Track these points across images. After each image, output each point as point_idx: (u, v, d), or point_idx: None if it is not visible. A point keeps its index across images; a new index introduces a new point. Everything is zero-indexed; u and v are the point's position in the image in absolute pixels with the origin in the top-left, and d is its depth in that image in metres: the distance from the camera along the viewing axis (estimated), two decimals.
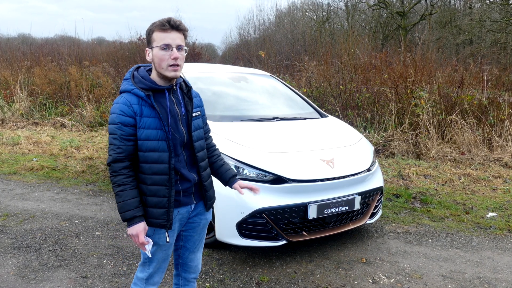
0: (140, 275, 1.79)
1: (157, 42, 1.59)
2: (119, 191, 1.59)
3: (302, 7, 23.93)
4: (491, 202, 4.33)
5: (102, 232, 3.42)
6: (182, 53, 1.63)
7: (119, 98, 1.63)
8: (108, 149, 1.60)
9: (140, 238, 1.60)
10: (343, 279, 2.72)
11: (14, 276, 2.67)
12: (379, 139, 6.55)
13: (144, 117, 1.60)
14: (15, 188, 4.62)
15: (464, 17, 18.24)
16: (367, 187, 3.14)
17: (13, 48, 12.72)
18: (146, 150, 1.61)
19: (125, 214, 1.59)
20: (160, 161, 1.62)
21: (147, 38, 1.65)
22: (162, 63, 1.59)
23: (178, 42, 1.60)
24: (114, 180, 1.60)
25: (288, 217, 2.80)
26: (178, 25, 1.60)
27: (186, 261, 1.93)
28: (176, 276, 1.99)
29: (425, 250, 3.19)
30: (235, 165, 2.83)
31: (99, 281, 2.62)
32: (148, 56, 1.65)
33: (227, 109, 3.73)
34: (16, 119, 8.74)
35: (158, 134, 1.61)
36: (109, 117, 1.63)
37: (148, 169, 1.62)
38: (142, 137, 1.60)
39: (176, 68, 1.61)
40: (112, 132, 1.59)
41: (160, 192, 1.64)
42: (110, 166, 1.60)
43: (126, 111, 1.58)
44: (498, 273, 2.87)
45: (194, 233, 1.87)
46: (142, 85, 1.63)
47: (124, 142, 1.58)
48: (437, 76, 7.37)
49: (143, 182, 1.64)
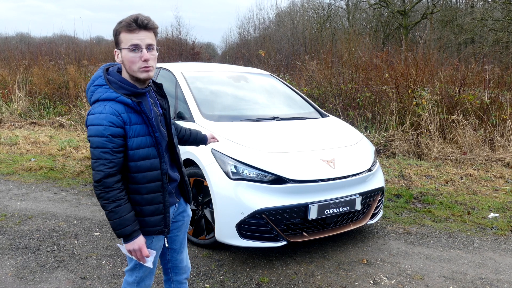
0: (130, 279, 1.75)
1: (125, 43, 1.50)
2: (114, 207, 1.49)
3: (302, 6, 23.91)
4: (493, 202, 4.31)
5: (101, 233, 3.41)
6: (153, 53, 1.54)
7: (101, 108, 1.49)
8: (96, 164, 1.47)
9: (143, 252, 1.55)
10: (344, 280, 2.71)
11: (12, 277, 2.65)
12: (380, 139, 6.52)
13: (133, 125, 1.52)
14: (13, 189, 4.60)
15: (466, 16, 18.20)
16: (368, 188, 3.12)
17: (11, 47, 12.66)
18: (138, 159, 1.54)
19: (124, 230, 1.51)
20: (153, 168, 1.57)
21: (114, 38, 1.55)
22: (132, 65, 1.51)
23: (148, 41, 1.51)
24: (106, 196, 1.48)
25: (288, 218, 2.79)
26: (146, 24, 1.49)
27: (175, 263, 1.90)
28: (167, 281, 1.95)
29: (426, 251, 3.18)
30: (235, 165, 2.81)
31: (97, 282, 2.61)
32: (117, 58, 1.56)
33: (226, 108, 3.72)
34: (14, 119, 8.72)
35: (148, 140, 1.55)
36: (89, 128, 1.49)
37: (143, 178, 1.56)
38: (133, 146, 1.52)
39: (148, 69, 1.52)
40: (100, 146, 1.46)
41: (156, 199, 1.60)
42: (101, 183, 1.47)
43: (115, 122, 1.47)
44: (500, 274, 2.85)
45: (179, 232, 1.85)
46: (124, 91, 1.53)
47: (116, 155, 1.48)
48: (439, 76, 7.34)
49: (137, 193, 1.57)
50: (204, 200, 3.04)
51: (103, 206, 1.51)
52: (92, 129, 1.48)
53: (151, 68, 1.53)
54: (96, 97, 1.53)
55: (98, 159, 1.47)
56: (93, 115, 1.49)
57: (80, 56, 11.27)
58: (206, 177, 2.91)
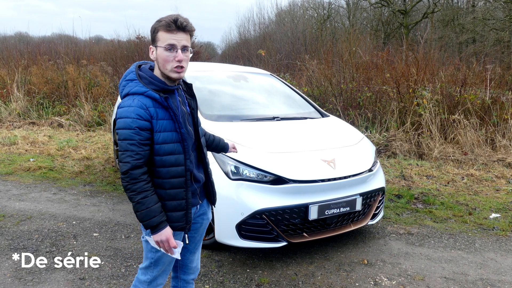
0: (143, 278, 1.77)
1: (161, 42, 1.55)
2: (141, 198, 1.53)
3: (302, 5, 23.88)
4: (494, 203, 4.29)
5: (100, 233, 3.40)
6: (187, 54, 1.59)
7: (130, 101, 1.55)
8: (123, 156, 1.52)
9: (171, 242, 1.58)
10: (344, 281, 2.70)
11: (11, 278, 2.65)
12: (380, 139, 6.51)
13: (160, 120, 1.56)
14: (11, 189, 4.59)
15: (467, 15, 18.18)
16: (368, 188, 3.11)
17: (9, 46, 12.60)
18: (163, 153, 1.58)
19: (151, 221, 1.54)
20: (177, 163, 1.61)
21: (151, 35, 1.60)
22: (166, 64, 1.56)
23: (184, 43, 1.56)
24: (133, 188, 1.52)
25: (288, 218, 2.78)
26: (185, 26, 1.55)
27: (186, 262, 1.93)
28: (174, 279, 1.99)
29: (427, 252, 3.17)
30: (235, 165, 2.80)
31: (97, 283, 2.60)
32: (151, 54, 1.61)
33: (226, 108, 3.71)
34: (12, 119, 8.71)
35: (174, 136, 1.59)
36: (118, 121, 1.55)
37: (167, 173, 1.59)
38: (159, 141, 1.56)
39: (181, 70, 1.58)
40: (127, 138, 1.51)
41: (179, 195, 1.63)
42: (128, 174, 1.52)
43: (142, 115, 1.53)
44: (502, 274, 2.85)
45: (196, 234, 1.88)
46: (153, 87, 1.58)
47: (142, 147, 1.53)
48: (440, 75, 7.33)
49: (161, 187, 1.60)
50: None
51: (130, 198, 1.54)
52: (121, 121, 1.53)
53: (183, 69, 1.59)
54: (126, 91, 1.59)
55: (125, 151, 1.52)
56: (122, 108, 1.55)
57: (79, 56, 11.23)
58: None
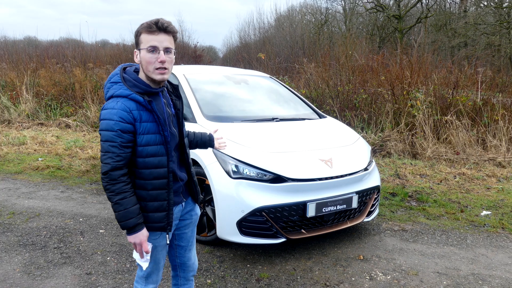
0: (140, 273, 1.81)
1: (144, 44, 1.54)
2: (120, 199, 1.53)
3: (301, 10, 24.05)
4: (485, 200, 4.38)
5: (106, 230, 3.47)
6: (171, 56, 1.57)
7: (114, 103, 1.55)
8: (104, 157, 1.53)
9: (144, 246, 1.59)
10: (341, 276, 2.76)
11: (20, 273, 2.71)
12: (376, 139, 6.62)
13: (144, 122, 1.56)
14: (21, 187, 4.67)
15: (459, 20, 18.37)
16: (364, 186, 3.18)
17: (19, 50, 12.69)
18: (146, 155, 1.58)
19: (128, 222, 1.55)
20: (160, 165, 1.61)
21: (135, 39, 1.59)
22: (149, 66, 1.55)
23: (166, 44, 1.55)
24: (112, 188, 1.53)
25: (287, 215, 2.85)
26: (166, 27, 1.54)
27: (184, 260, 1.93)
28: (174, 277, 2.00)
29: (421, 248, 3.24)
30: (235, 164, 2.88)
31: (103, 278, 2.66)
32: (136, 58, 1.60)
33: (228, 110, 3.76)
34: (22, 120, 8.82)
35: (157, 138, 1.59)
36: (101, 122, 1.54)
37: (149, 174, 1.60)
38: (142, 143, 1.56)
39: (164, 72, 1.56)
40: (109, 140, 1.52)
41: (161, 196, 1.63)
42: (108, 175, 1.52)
43: (125, 118, 1.52)
44: (492, 270, 2.91)
45: (187, 230, 1.88)
46: (137, 89, 1.58)
47: (124, 149, 1.53)
48: (433, 78, 7.45)
49: (142, 188, 1.61)
50: (206, 198, 3.10)
51: (109, 198, 1.55)
52: (103, 123, 1.54)
53: (167, 70, 1.58)
54: (110, 93, 1.60)
55: (106, 152, 1.52)
56: (106, 110, 1.55)
57: (85, 59, 11.35)
58: (207, 176, 2.96)
